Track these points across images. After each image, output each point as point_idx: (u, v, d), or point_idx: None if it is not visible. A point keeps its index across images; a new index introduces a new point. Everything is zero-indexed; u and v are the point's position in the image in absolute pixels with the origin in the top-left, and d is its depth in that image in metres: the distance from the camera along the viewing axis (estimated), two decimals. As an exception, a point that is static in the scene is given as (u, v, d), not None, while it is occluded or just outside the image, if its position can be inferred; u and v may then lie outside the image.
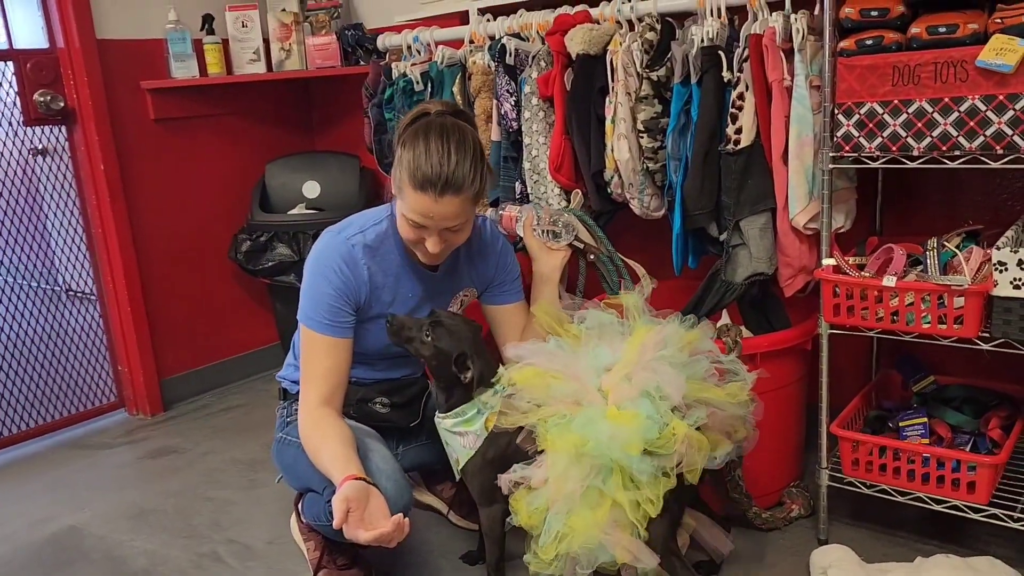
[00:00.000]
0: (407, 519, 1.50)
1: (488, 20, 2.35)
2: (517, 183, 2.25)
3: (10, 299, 2.87)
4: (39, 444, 2.88)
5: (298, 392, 1.94)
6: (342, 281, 1.72)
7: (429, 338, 1.69)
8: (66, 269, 2.97)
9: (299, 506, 2.00)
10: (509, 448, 1.67)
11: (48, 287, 3.00)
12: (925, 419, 1.87)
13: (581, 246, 1.92)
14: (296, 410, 1.89)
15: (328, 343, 1.73)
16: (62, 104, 2.76)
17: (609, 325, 1.69)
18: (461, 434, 1.73)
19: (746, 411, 1.69)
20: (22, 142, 2.81)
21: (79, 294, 3.02)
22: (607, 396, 1.60)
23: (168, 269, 3.06)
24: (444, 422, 1.74)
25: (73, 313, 3.02)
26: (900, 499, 1.81)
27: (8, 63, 2.70)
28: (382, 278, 1.78)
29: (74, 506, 2.40)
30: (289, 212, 3.12)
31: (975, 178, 2.05)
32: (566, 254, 1.93)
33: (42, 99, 2.73)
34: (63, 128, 2.84)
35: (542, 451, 1.61)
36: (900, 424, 1.88)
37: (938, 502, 1.76)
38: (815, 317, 1.86)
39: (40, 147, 2.87)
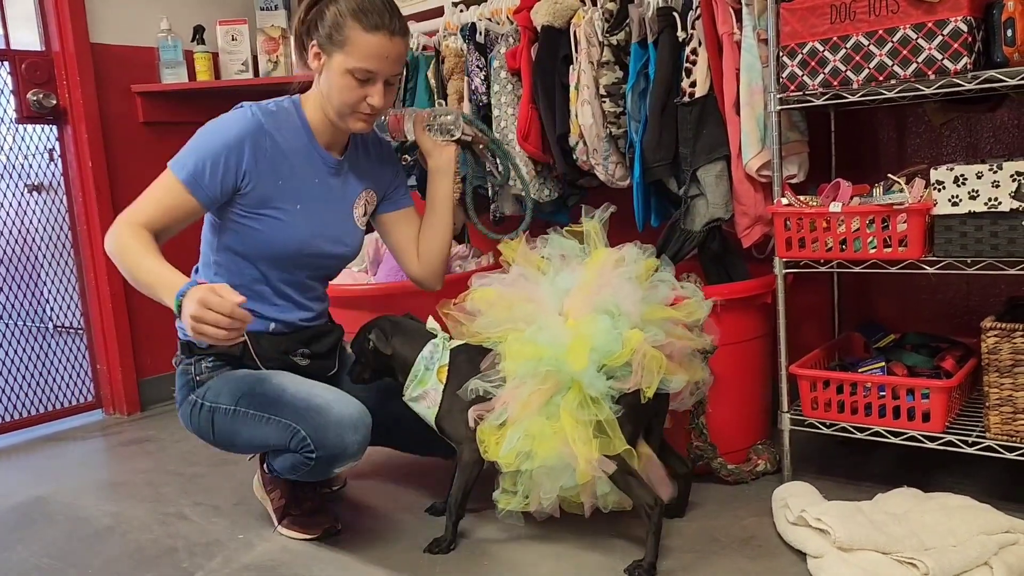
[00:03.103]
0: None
1: (461, 11, 2.49)
2: (487, 156, 2.33)
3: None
4: (12, 438, 2.87)
5: (206, 346, 1.80)
6: (239, 147, 1.69)
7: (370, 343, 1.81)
8: (49, 266, 3.02)
9: (264, 463, 2.00)
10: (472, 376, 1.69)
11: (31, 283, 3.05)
12: (883, 363, 1.90)
13: (469, 138, 1.96)
14: (205, 368, 1.81)
15: (180, 193, 1.68)
16: (54, 103, 2.87)
17: (571, 251, 1.74)
18: (422, 397, 1.76)
19: (702, 346, 1.73)
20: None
21: (62, 321, 3.06)
22: (568, 318, 1.64)
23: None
24: (405, 396, 1.77)
25: (53, 313, 3.05)
26: (859, 435, 1.82)
27: (4, 63, 2.82)
28: (283, 158, 1.74)
29: (41, 482, 2.39)
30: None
31: (925, 132, 2.14)
32: (457, 148, 1.95)
33: (35, 98, 2.83)
34: (54, 128, 2.94)
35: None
36: (859, 370, 1.91)
37: (895, 434, 1.77)
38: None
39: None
